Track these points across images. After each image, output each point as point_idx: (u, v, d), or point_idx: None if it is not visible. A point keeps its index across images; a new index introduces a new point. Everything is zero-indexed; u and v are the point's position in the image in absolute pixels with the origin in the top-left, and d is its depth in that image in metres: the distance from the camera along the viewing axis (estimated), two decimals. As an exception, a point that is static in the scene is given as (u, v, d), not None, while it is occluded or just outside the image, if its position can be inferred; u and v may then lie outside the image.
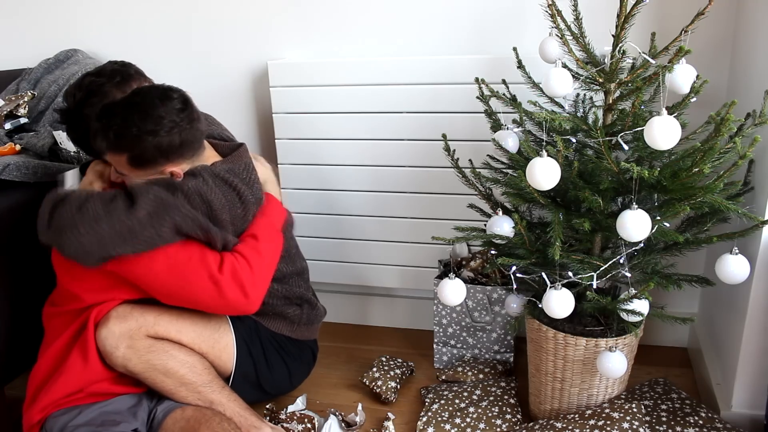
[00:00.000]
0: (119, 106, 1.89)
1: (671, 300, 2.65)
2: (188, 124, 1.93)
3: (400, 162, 2.63)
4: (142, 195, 1.87)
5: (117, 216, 1.84)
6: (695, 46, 2.15)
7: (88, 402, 2.02)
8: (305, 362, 2.42)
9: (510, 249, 2.07)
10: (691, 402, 2.26)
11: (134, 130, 1.86)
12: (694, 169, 1.73)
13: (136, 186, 1.90)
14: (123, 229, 1.84)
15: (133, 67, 2.12)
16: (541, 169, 1.77)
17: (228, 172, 2.02)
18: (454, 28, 2.56)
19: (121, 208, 1.85)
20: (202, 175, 1.97)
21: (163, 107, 1.89)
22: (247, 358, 2.21)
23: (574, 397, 2.17)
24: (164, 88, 1.94)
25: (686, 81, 1.81)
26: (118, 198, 1.87)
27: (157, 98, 1.90)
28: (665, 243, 2.02)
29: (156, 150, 1.90)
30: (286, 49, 2.76)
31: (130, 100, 1.89)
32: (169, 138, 1.90)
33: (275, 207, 2.19)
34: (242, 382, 2.21)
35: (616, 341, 2.05)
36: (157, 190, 1.89)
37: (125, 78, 2.07)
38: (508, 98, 2.12)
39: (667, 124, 1.65)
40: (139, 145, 1.87)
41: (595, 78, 1.90)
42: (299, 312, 2.32)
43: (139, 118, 1.86)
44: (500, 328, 2.57)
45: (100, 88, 2.03)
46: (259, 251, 2.02)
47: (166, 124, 1.89)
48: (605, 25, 2.01)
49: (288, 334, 2.31)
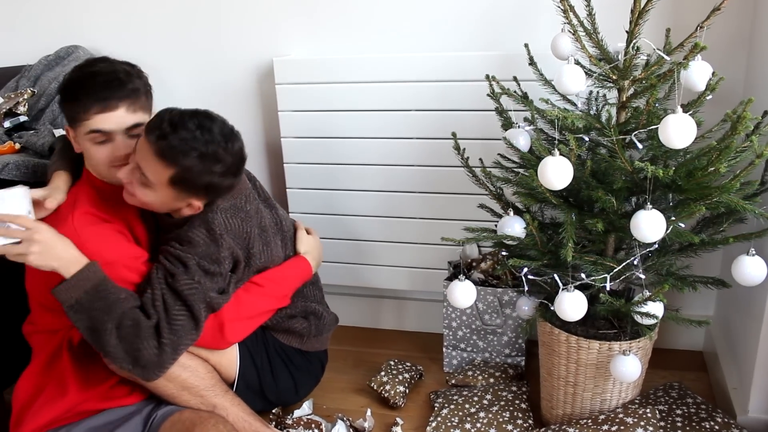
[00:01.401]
0: (192, 122, 1.87)
1: (686, 302, 2.66)
2: (238, 174, 1.99)
3: (409, 161, 2.64)
4: (196, 302, 1.95)
5: (188, 335, 1.96)
6: (711, 43, 2.16)
7: (76, 420, 2.05)
8: (313, 374, 2.43)
9: (521, 250, 2.08)
10: (707, 407, 2.27)
11: (197, 155, 1.86)
12: (710, 169, 1.74)
13: (186, 288, 1.93)
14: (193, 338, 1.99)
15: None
16: (553, 168, 1.77)
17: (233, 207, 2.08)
18: (465, 23, 2.57)
19: (189, 327, 1.95)
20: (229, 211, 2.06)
21: (231, 148, 1.92)
22: (250, 366, 2.22)
23: (587, 401, 2.18)
24: (231, 127, 1.95)
25: (702, 78, 1.81)
26: (178, 318, 1.93)
27: (228, 133, 1.92)
28: (680, 244, 2.03)
29: (203, 184, 1.91)
30: (292, 45, 2.77)
31: (202, 123, 1.88)
32: (220, 180, 1.93)
33: (302, 268, 2.28)
34: (245, 391, 2.22)
35: (630, 344, 2.06)
36: (204, 281, 1.97)
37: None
38: (520, 96, 2.13)
39: (682, 122, 1.66)
40: (194, 170, 1.87)
41: (609, 75, 1.91)
42: (306, 325, 2.33)
43: (213, 153, 1.87)
44: (511, 331, 2.58)
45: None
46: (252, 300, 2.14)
47: (227, 166, 1.92)
48: (619, 20, 2.02)
49: (298, 346, 2.33)
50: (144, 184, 1.91)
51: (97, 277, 1.84)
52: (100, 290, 1.84)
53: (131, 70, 1.99)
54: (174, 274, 1.93)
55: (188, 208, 1.98)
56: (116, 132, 1.93)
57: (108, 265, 1.90)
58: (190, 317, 1.94)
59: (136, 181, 1.92)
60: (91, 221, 1.96)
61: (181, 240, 1.98)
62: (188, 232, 1.98)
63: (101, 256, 1.90)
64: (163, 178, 1.87)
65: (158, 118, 1.86)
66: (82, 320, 1.85)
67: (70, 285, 1.82)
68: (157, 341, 1.89)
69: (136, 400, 2.11)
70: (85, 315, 1.84)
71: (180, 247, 1.97)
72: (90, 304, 1.83)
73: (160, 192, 1.91)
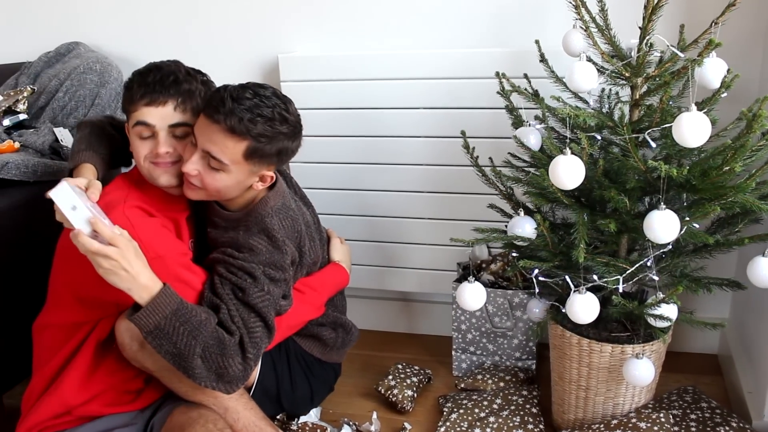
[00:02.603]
0: (248, 92, 1.90)
1: (701, 304, 2.65)
2: (301, 135, 2.02)
3: (417, 160, 2.64)
4: (269, 312, 1.97)
5: (264, 344, 1.98)
6: (726, 39, 2.15)
7: (74, 425, 2.05)
8: (327, 383, 2.44)
9: (532, 251, 2.09)
10: (722, 411, 2.27)
11: (266, 120, 1.89)
12: (725, 168, 1.74)
13: (258, 300, 1.94)
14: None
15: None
16: (564, 167, 1.78)
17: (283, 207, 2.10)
18: (474, 19, 2.58)
19: (265, 336, 1.97)
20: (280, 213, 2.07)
21: (291, 109, 1.96)
22: (270, 372, 2.22)
23: (599, 406, 2.19)
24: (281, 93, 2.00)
25: (717, 75, 1.82)
26: (256, 330, 1.94)
27: (283, 96, 1.96)
28: (694, 245, 2.03)
29: (276, 150, 1.94)
30: (297, 41, 2.78)
31: (257, 92, 1.91)
32: (289, 143, 1.97)
33: (340, 276, 2.33)
34: (261, 396, 2.21)
35: (643, 348, 2.07)
36: (273, 290, 1.99)
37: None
38: (530, 93, 2.13)
39: (697, 120, 1.67)
40: (267, 136, 1.90)
41: (621, 72, 1.91)
42: (334, 336, 2.34)
43: (279, 114, 1.90)
44: (522, 334, 2.59)
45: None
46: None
47: (293, 126, 1.96)
48: (632, 16, 2.02)
49: (318, 355, 2.33)
50: (216, 168, 1.91)
51: (174, 301, 1.82)
52: (180, 315, 1.82)
53: (195, 74, 2.01)
54: (243, 289, 1.93)
55: (260, 182, 2.00)
56: (159, 128, 1.93)
57: (158, 259, 1.88)
58: (265, 327, 1.95)
59: (205, 168, 1.92)
60: (141, 215, 1.95)
61: (240, 247, 1.98)
62: (249, 240, 1.98)
63: (153, 249, 1.89)
64: (237, 154, 1.89)
65: (216, 97, 1.88)
66: (164, 345, 1.83)
67: (149, 311, 1.79)
68: (242, 357, 1.89)
69: (138, 407, 2.12)
70: (167, 340, 1.82)
71: (242, 256, 1.96)
72: (173, 329, 1.81)
73: (234, 171, 1.92)
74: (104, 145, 2.11)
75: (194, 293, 1.96)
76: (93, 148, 2.09)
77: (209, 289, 1.96)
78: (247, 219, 2.02)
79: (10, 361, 2.23)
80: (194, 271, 1.99)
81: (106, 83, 2.72)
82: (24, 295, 2.22)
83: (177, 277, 1.93)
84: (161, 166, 1.96)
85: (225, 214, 2.05)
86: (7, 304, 2.21)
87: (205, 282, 1.99)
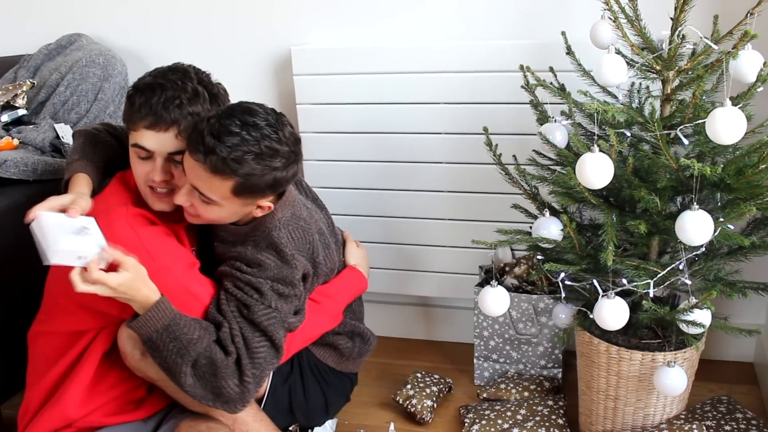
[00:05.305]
0: (233, 124, 1.82)
1: (735, 310, 2.66)
2: (299, 159, 1.97)
3: (437, 158, 2.65)
4: (276, 330, 1.96)
5: (270, 364, 1.98)
6: (762, 30, 2.16)
7: None
8: (343, 394, 2.42)
9: (558, 254, 2.10)
10: (758, 422, 2.28)
11: (253, 157, 1.83)
12: (761, 166, 1.75)
13: (264, 318, 1.94)
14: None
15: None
16: (592, 165, 1.80)
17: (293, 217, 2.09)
18: (497, 10, 2.59)
19: (270, 356, 1.97)
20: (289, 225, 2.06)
21: (283, 137, 1.89)
22: (282, 384, 2.22)
23: (628, 416, 2.20)
24: (273, 110, 1.92)
25: (752, 68, 1.83)
26: (259, 350, 1.95)
27: (275, 122, 1.88)
28: (729, 247, 2.04)
29: (268, 183, 1.90)
30: (310, 33, 2.79)
31: (245, 121, 1.84)
32: (284, 173, 1.92)
33: (357, 281, 2.33)
34: (273, 408, 2.21)
35: (675, 355, 2.07)
36: (281, 306, 1.98)
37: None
38: (556, 88, 2.14)
39: (731, 115, 1.68)
40: (255, 174, 1.85)
41: (652, 65, 1.92)
42: (350, 345, 2.33)
43: (268, 149, 1.85)
44: (547, 341, 2.61)
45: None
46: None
47: (287, 156, 1.90)
48: (663, 7, 2.03)
49: (333, 365, 2.32)
50: (206, 202, 1.90)
51: (167, 316, 1.84)
52: (171, 330, 1.84)
53: (203, 91, 1.96)
54: (249, 305, 1.93)
55: (259, 210, 1.98)
56: (158, 154, 1.92)
57: (165, 270, 1.91)
58: (271, 346, 1.95)
59: (197, 201, 1.91)
60: (144, 223, 1.96)
61: (249, 262, 1.98)
62: (257, 255, 1.98)
63: (160, 260, 1.91)
64: (225, 192, 1.87)
65: (197, 133, 1.83)
66: (156, 358, 1.88)
67: (142, 322, 1.84)
68: (238, 379, 1.90)
69: (140, 416, 2.14)
70: (157, 354, 1.87)
71: (249, 270, 1.96)
72: (163, 344, 1.85)
73: (225, 206, 1.91)
74: (99, 154, 2.13)
75: (201, 307, 1.98)
76: (87, 157, 2.10)
77: (214, 305, 1.98)
78: (255, 233, 2.02)
79: (7, 371, 2.25)
80: (202, 283, 2.01)
81: (109, 77, 2.73)
82: (22, 301, 2.22)
83: (185, 289, 1.96)
84: (155, 195, 1.98)
85: (231, 229, 2.05)
86: (6, 310, 2.22)
87: (214, 296, 2.00)
